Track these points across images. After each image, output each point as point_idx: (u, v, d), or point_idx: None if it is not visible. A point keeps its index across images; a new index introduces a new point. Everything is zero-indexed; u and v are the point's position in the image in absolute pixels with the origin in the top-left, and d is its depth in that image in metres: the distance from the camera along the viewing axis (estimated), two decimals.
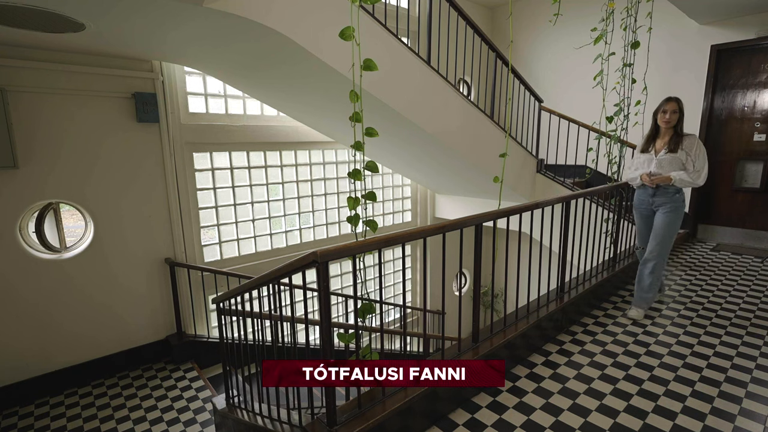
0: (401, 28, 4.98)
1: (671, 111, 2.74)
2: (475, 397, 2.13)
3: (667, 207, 2.81)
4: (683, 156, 2.73)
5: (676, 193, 2.79)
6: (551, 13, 5.24)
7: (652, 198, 2.89)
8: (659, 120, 2.80)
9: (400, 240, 1.73)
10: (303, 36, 2.51)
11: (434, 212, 6.28)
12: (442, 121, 3.59)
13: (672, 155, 2.75)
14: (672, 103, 2.74)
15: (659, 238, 2.83)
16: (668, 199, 2.81)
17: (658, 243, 2.83)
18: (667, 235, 2.81)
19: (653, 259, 2.84)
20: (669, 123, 2.75)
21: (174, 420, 3.12)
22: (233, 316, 2.51)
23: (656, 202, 2.87)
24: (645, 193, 2.93)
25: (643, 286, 2.92)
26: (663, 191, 2.82)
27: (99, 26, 2.48)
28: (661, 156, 2.80)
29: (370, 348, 1.81)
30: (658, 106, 2.81)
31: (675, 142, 2.77)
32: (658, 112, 2.81)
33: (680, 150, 2.73)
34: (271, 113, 4.56)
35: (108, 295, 3.63)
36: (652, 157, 2.85)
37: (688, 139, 2.75)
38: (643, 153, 2.91)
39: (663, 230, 2.83)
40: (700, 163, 2.73)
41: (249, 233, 4.58)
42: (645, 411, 1.96)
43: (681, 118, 2.77)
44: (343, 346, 3.98)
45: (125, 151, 3.58)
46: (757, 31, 4.30)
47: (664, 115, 2.76)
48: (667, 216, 2.81)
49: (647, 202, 2.93)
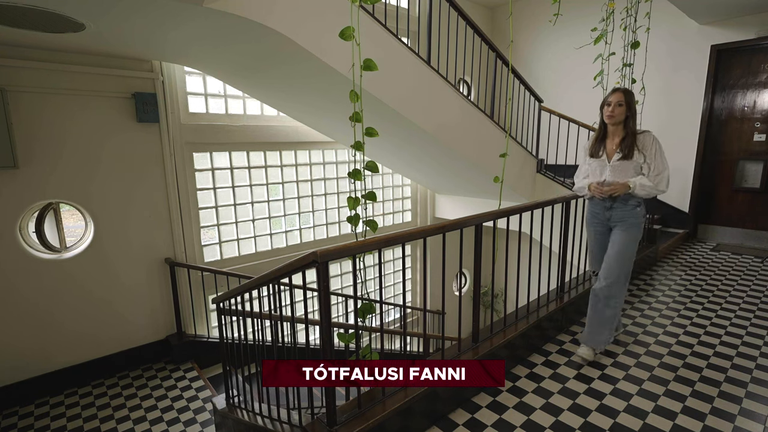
0: (401, 28, 4.98)
1: (615, 103, 2.25)
2: (475, 397, 2.13)
3: (625, 223, 2.33)
4: (640, 159, 2.26)
5: (636, 206, 2.32)
6: (551, 13, 5.24)
7: (608, 212, 2.38)
8: (603, 114, 2.32)
9: (400, 240, 1.73)
10: (303, 36, 2.51)
11: (434, 212, 6.28)
12: (442, 121, 3.59)
13: (627, 162, 2.27)
14: (617, 94, 2.27)
15: (618, 260, 2.32)
16: (627, 213, 2.32)
17: (618, 267, 2.32)
18: (627, 256, 2.33)
19: (611, 285, 2.32)
20: (613, 118, 2.27)
21: (174, 420, 3.12)
22: (233, 316, 2.51)
23: (613, 217, 2.37)
24: (599, 206, 2.42)
25: (599, 320, 2.38)
26: (621, 204, 2.32)
27: (99, 26, 2.49)
28: (615, 162, 2.30)
29: (370, 348, 1.81)
30: (604, 98, 2.34)
31: (628, 145, 2.27)
32: (603, 105, 2.32)
33: (636, 153, 2.25)
34: (271, 113, 4.56)
35: (108, 295, 3.63)
36: (605, 162, 2.34)
37: (643, 138, 2.28)
38: (593, 158, 2.40)
39: (622, 251, 2.32)
40: (659, 165, 2.26)
41: (249, 233, 4.58)
42: (645, 411, 1.96)
43: (632, 114, 2.28)
44: (343, 346, 3.98)
45: (125, 151, 3.58)
46: (757, 31, 4.30)
47: (608, 108, 2.28)
48: (626, 233, 2.32)
49: (602, 217, 2.42)
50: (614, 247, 2.34)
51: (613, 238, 2.37)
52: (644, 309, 3.10)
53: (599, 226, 2.46)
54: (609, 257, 2.35)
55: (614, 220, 2.37)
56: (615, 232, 2.37)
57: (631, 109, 2.26)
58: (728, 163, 4.74)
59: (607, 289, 2.33)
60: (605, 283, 2.33)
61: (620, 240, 2.32)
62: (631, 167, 2.26)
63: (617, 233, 2.35)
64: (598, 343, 2.39)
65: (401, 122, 3.36)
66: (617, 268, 2.32)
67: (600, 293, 2.35)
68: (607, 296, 2.33)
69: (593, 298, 2.40)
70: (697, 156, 4.87)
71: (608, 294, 2.33)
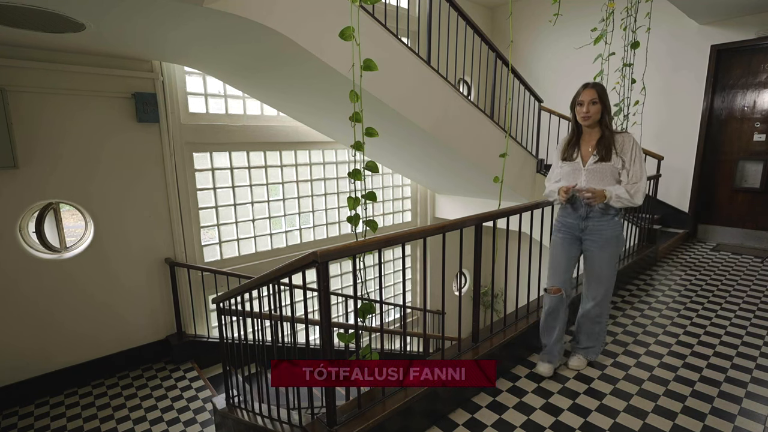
0: (401, 28, 4.98)
1: (589, 101, 2.01)
2: (475, 397, 2.13)
3: (602, 236, 2.08)
4: (619, 164, 2.02)
5: (615, 215, 2.08)
6: (551, 13, 5.24)
7: (583, 222, 2.11)
8: (577, 115, 2.08)
9: (400, 240, 1.74)
10: (304, 37, 2.51)
11: (434, 212, 6.28)
12: (442, 121, 3.59)
13: (604, 164, 2.03)
14: (589, 91, 2.01)
15: (605, 280, 2.13)
16: (606, 224, 2.07)
17: (603, 287, 2.14)
18: (612, 274, 2.15)
19: (600, 304, 2.18)
20: (589, 118, 2.02)
21: (174, 420, 3.12)
22: (233, 316, 2.51)
23: (589, 228, 2.10)
24: (573, 215, 2.15)
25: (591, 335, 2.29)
26: (600, 213, 2.07)
27: (99, 26, 2.49)
28: (591, 166, 2.06)
29: (370, 348, 1.81)
30: (574, 96, 2.08)
31: (605, 145, 2.03)
32: (574, 105, 2.08)
33: (614, 155, 2.02)
34: (271, 113, 4.56)
35: (108, 295, 3.63)
36: (579, 166, 2.09)
37: (622, 139, 2.05)
38: (567, 161, 2.15)
39: (608, 269, 2.12)
40: (637, 172, 2.01)
41: (249, 233, 4.58)
42: (645, 411, 1.96)
43: (608, 111, 2.05)
44: (343, 346, 3.98)
45: (125, 151, 3.58)
46: (757, 31, 4.30)
47: (581, 108, 2.04)
48: (606, 250, 2.09)
49: (574, 228, 2.14)
50: (594, 266, 2.12)
51: (590, 255, 2.12)
52: (644, 309, 3.10)
53: (569, 236, 2.18)
54: (595, 278, 2.15)
55: (589, 232, 2.11)
56: (592, 249, 2.11)
57: (606, 106, 2.04)
58: (728, 163, 4.75)
59: (597, 309, 2.19)
60: (592, 303, 2.18)
61: (603, 257, 2.10)
62: (608, 171, 2.02)
63: (597, 249, 2.10)
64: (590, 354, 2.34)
65: (401, 122, 3.36)
66: (603, 288, 2.15)
67: (589, 314, 2.22)
68: (597, 315, 2.21)
69: (581, 320, 2.28)
70: (697, 156, 4.87)
71: (598, 313, 2.21)
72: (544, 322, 2.28)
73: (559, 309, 2.21)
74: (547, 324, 2.26)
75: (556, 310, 2.21)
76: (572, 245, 2.17)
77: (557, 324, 2.23)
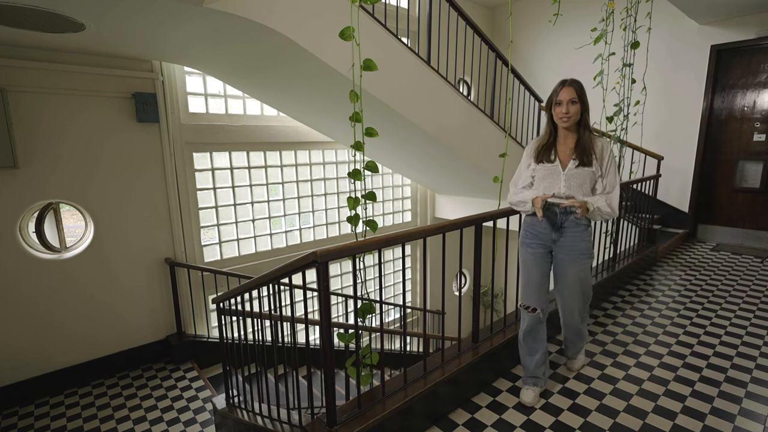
0: (401, 28, 4.98)
1: (568, 101, 1.83)
2: (475, 397, 2.13)
3: (575, 250, 1.92)
4: (598, 170, 1.88)
5: (587, 226, 1.94)
6: (551, 13, 5.24)
7: (555, 233, 1.94)
8: (555, 116, 1.90)
9: (400, 240, 1.74)
10: (304, 37, 2.51)
11: (434, 212, 6.28)
12: (442, 121, 3.59)
13: (585, 169, 1.86)
14: (568, 90, 1.83)
15: (585, 294, 2.02)
16: (579, 235, 1.91)
17: (583, 300, 2.04)
18: (589, 288, 2.03)
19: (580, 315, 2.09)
20: (569, 119, 1.85)
21: (174, 420, 3.12)
22: (233, 316, 2.51)
23: (561, 241, 1.93)
24: (544, 226, 1.95)
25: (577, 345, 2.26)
26: (573, 223, 1.89)
27: (99, 26, 2.49)
28: (572, 170, 1.87)
29: (370, 348, 1.81)
30: (551, 94, 1.91)
31: (586, 149, 1.86)
32: (551, 104, 1.90)
33: (594, 161, 1.87)
34: (271, 113, 4.56)
35: (108, 295, 3.63)
36: (558, 170, 1.90)
37: (600, 144, 1.89)
38: (543, 164, 1.94)
39: (584, 284, 1.99)
40: (612, 180, 1.89)
41: (249, 233, 4.58)
42: (645, 411, 1.96)
43: (586, 110, 1.87)
44: (343, 346, 3.98)
45: (125, 151, 3.58)
46: (757, 31, 4.30)
47: (559, 108, 1.86)
48: (581, 265, 1.94)
49: (546, 239, 1.97)
50: (571, 280, 1.97)
51: (564, 269, 1.97)
52: (644, 309, 3.10)
53: (541, 249, 1.99)
54: (567, 292, 2.01)
55: (562, 245, 1.94)
56: (565, 264, 1.95)
57: (586, 104, 1.87)
58: (728, 163, 4.75)
59: (579, 317, 2.09)
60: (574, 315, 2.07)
61: (579, 272, 1.95)
62: (588, 177, 1.86)
63: (569, 266, 1.95)
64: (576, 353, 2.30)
65: (401, 122, 3.36)
66: (581, 301, 2.03)
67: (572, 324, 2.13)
68: (581, 322, 2.13)
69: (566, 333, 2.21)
70: (697, 156, 4.87)
71: (580, 321, 2.12)
72: (525, 343, 2.08)
73: (538, 329, 2.04)
74: (528, 345, 2.07)
75: (536, 329, 2.04)
76: (544, 260, 2.00)
77: (539, 346, 2.06)
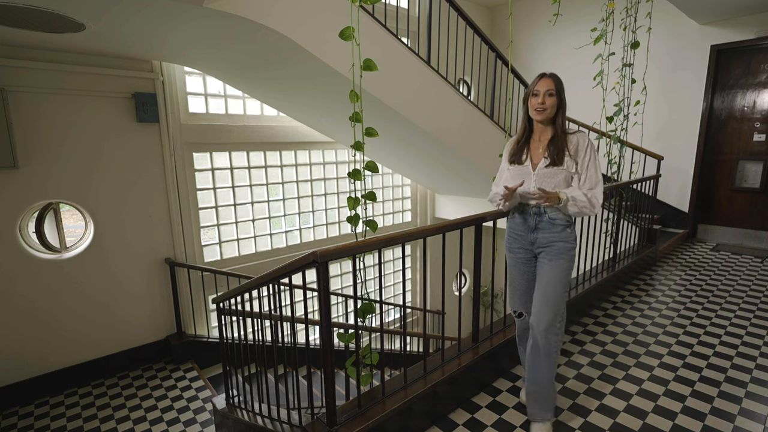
0: (401, 28, 4.98)
1: (545, 92, 1.73)
2: (475, 397, 2.13)
3: (553, 248, 1.79)
4: (572, 167, 1.76)
5: (566, 226, 1.81)
6: (551, 13, 5.24)
7: (532, 233, 1.83)
8: (530, 108, 1.79)
9: (400, 240, 1.74)
10: (303, 37, 2.51)
11: (434, 212, 6.28)
12: (442, 121, 3.59)
13: (556, 169, 1.74)
14: (546, 80, 1.74)
15: (552, 301, 1.76)
16: (557, 235, 1.79)
17: (548, 308, 1.76)
18: (562, 293, 1.80)
19: (547, 332, 1.76)
20: (544, 112, 1.74)
21: (174, 420, 3.12)
22: (233, 316, 2.51)
23: (539, 240, 1.82)
24: (522, 226, 1.86)
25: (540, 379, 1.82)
26: (549, 224, 1.79)
27: (99, 26, 2.49)
28: (542, 170, 1.76)
29: (370, 348, 1.81)
30: (528, 88, 1.81)
31: (557, 147, 1.75)
32: (528, 97, 1.80)
33: (567, 158, 1.75)
34: (271, 113, 4.56)
35: (108, 295, 3.63)
36: (528, 170, 1.80)
37: (576, 139, 1.78)
38: (515, 165, 1.85)
39: (556, 288, 1.77)
40: (593, 176, 1.77)
41: (249, 233, 4.58)
42: (645, 411, 1.96)
43: (563, 107, 1.77)
44: (343, 346, 3.98)
45: (125, 151, 3.58)
46: (756, 31, 4.31)
47: (536, 99, 1.76)
48: (555, 265, 1.79)
49: (525, 240, 1.86)
50: (541, 282, 1.81)
51: (539, 270, 1.84)
52: (644, 309, 3.11)
53: (522, 252, 1.89)
54: (537, 298, 1.81)
55: (540, 245, 1.83)
56: (542, 263, 1.83)
57: (563, 101, 1.77)
58: (728, 163, 4.75)
59: (544, 340, 1.77)
60: (539, 331, 1.78)
61: (548, 274, 1.79)
62: (561, 176, 1.75)
63: (544, 265, 1.81)
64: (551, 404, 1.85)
65: (401, 122, 3.36)
66: (550, 312, 1.76)
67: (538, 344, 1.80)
68: (545, 347, 1.79)
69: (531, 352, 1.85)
70: (697, 156, 4.87)
71: (545, 345, 1.78)
72: (520, 344, 2.06)
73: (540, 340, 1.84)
74: (523, 346, 2.04)
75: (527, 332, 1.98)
76: (528, 263, 1.90)
77: None
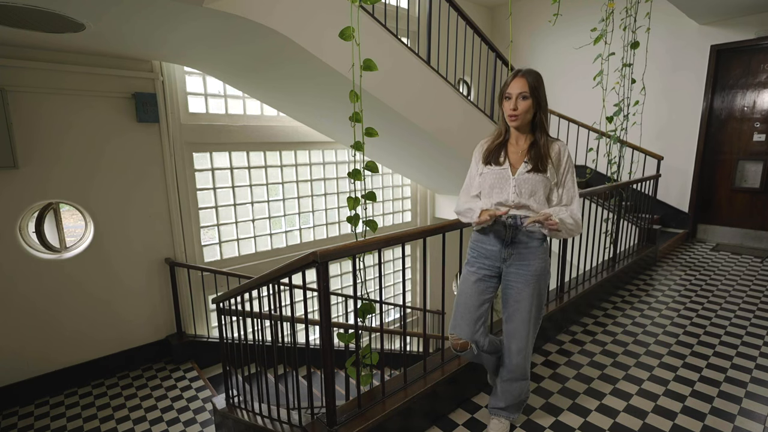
0: (401, 28, 4.98)
1: (519, 94, 1.52)
2: (475, 397, 2.13)
3: (532, 267, 1.61)
4: (553, 176, 1.59)
5: (543, 240, 1.63)
6: (551, 13, 5.24)
7: (506, 249, 1.62)
8: (503, 112, 1.60)
9: (400, 240, 1.74)
10: (304, 37, 2.51)
11: (434, 212, 6.28)
12: (442, 121, 3.59)
13: (538, 176, 1.56)
14: (519, 81, 1.52)
15: (528, 322, 1.64)
16: (532, 252, 1.61)
17: (529, 333, 1.65)
18: (539, 314, 1.67)
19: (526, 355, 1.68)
20: (516, 118, 1.54)
21: (174, 420, 3.12)
22: (233, 316, 2.51)
23: (513, 257, 1.62)
24: (493, 240, 1.65)
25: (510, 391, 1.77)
26: (525, 238, 1.60)
27: (99, 26, 2.49)
28: (522, 175, 1.57)
29: (370, 348, 1.82)
30: (502, 86, 1.60)
31: (539, 153, 1.56)
32: (502, 98, 1.60)
33: (550, 167, 1.57)
34: (271, 113, 4.56)
35: (108, 295, 3.63)
36: (508, 174, 1.59)
37: (557, 148, 1.60)
38: (491, 166, 1.63)
39: (533, 309, 1.64)
40: (571, 189, 1.61)
41: (249, 233, 4.58)
42: (645, 411, 1.96)
43: (543, 108, 1.57)
44: (343, 346, 3.98)
45: (125, 151, 3.58)
46: (756, 31, 4.31)
47: (507, 102, 1.55)
48: (536, 282, 1.62)
49: (496, 257, 1.65)
50: (520, 306, 1.63)
51: (513, 292, 1.64)
52: (644, 309, 3.11)
53: (486, 270, 1.67)
54: (513, 322, 1.66)
55: (513, 261, 1.62)
56: (516, 285, 1.63)
57: (540, 102, 1.55)
58: (728, 163, 4.75)
59: (519, 359, 1.68)
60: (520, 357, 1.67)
61: (528, 293, 1.61)
62: (541, 184, 1.56)
63: (520, 286, 1.62)
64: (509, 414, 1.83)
65: (401, 122, 3.36)
66: (526, 334, 1.65)
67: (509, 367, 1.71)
68: (519, 367, 1.70)
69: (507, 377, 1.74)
70: (697, 156, 4.87)
71: (520, 364, 1.69)
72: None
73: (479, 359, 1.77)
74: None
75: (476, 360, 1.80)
76: (488, 284, 1.68)
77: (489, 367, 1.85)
